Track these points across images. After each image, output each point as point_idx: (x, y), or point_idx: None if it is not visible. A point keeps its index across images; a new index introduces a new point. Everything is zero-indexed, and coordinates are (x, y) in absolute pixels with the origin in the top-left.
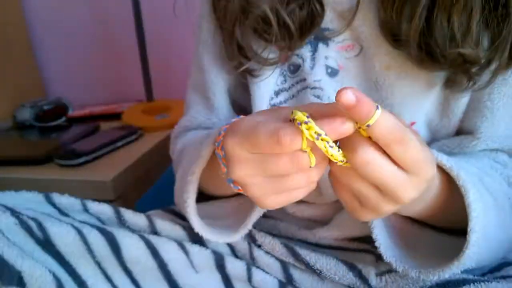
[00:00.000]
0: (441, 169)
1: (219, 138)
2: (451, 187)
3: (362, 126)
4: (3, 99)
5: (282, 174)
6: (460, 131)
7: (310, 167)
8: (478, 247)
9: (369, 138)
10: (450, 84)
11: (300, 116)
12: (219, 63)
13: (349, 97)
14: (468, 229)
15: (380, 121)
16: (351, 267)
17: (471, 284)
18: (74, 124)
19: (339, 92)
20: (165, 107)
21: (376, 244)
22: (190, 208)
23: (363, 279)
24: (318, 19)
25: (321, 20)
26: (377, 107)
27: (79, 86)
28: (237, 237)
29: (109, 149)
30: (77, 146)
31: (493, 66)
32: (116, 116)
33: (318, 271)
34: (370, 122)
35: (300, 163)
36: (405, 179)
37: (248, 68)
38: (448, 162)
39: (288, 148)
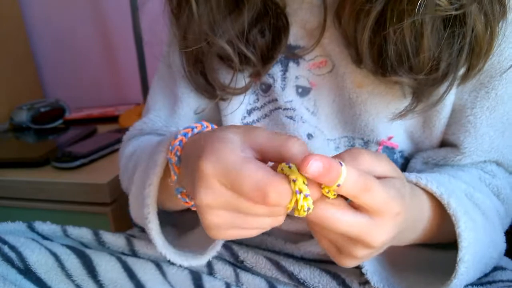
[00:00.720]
0: (431, 194)
1: (175, 141)
2: (442, 212)
3: (330, 188)
4: (0, 101)
5: (251, 215)
6: (445, 143)
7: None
8: (467, 274)
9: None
10: (416, 97)
11: (301, 185)
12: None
13: (317, 167)
14: (458, 259)
15: (347, 177)
16: (335, 276)
17: None
18: (71, 126)
19: (304, 162)
20: None
21: (363, 270)
22: (152, 224)
23: (346, 287)
24: (284, 39)
25: (286, 39)
26: (341, 164)
27: (77, 88)
28: (204, 261)
29: (105, 152)
30: (73, 148)
31: (449, 80)
32: (113, 119)
33: (302, 281)
34: (340, 182)
35: (275, 214)
36: (368, 224)
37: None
38: (438, 189)
39: (271, 206)
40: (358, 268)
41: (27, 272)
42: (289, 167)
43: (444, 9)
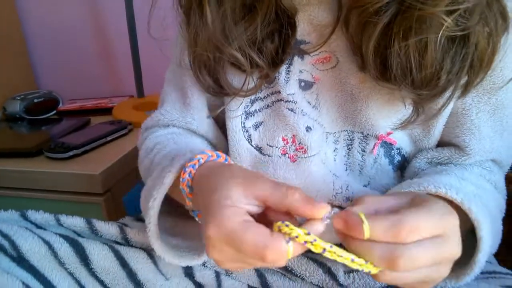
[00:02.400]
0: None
1: (184, 175)
2: (458, 211)
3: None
4: None
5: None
6: (449, 144)
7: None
8: (479, 268)
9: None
10: (416, 109)
11: (286, 229)
12: None
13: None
14: (477, 258)
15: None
16: (321, 264)
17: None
18: (64, 117)
19: (312, 208)
20: (156, 103)
21: None
22: (152, 233)
23: (332, 275)
24: (292, 42)
25: (294, 43)
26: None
27: (70, 80)
28: (200, 261)
29: (99, 143)
30: (67, 139)
31: (449, 94)
32: (106, 110)
33: (289, 269)
34: (367, 235)
35: (275, 265)
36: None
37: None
38: (458, 196)
39: (272, 260)
40: None
41: (20, 260)
42: (286, 225)
43: (450, 30)
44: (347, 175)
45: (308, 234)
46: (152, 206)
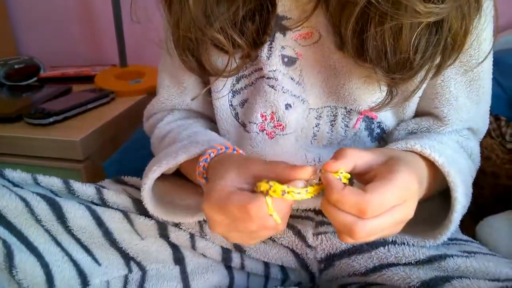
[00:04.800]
0: (423, 156)
1: (199, 168)
2: (435, 173)
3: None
4: None
5: (251, 232)
6: (428, 114)
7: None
8: (454, 226)
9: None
10: (390, 92)
11: (264, 185)
12: None
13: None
14: (452, 218)
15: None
16: (292, 227)
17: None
18: (45, 85)
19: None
20: (138, 72)
21: None
22: (145, 195)
23: (302, 237)
24: (272, 23)
25: (274, 24)
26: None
27: (52, 47)
28: (192, 219)
29: (80, 111)
30: (47, 105)
31: (422, 74)
32: (88, 78)
33: None
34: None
35: (266, 226)
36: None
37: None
38: (440, 158)
39: (256, 216)
40: (313, 220)
41: None
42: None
43: (423, 16)
44: (322, 147)
45: (285, 189)
46: (154, 170)
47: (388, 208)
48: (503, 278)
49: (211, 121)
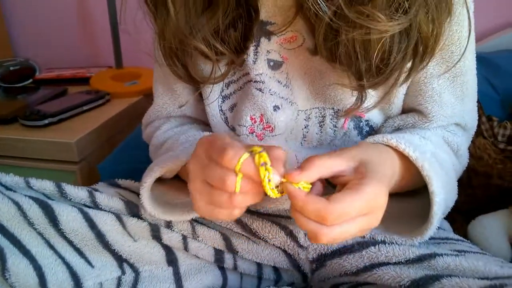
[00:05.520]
0: (400, 153)
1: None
2: (410, 167)
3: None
4: None
5: (213, 184)
6: (412, 110)
7: (235, 192)
8: (437, 221)
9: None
10: (359, 98)
11: (256, 148)
12: None
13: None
14: (432, 212)
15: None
16: (284, 227)
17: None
18: (41, 86)
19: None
20: (134, 74)
21: None
22: (144, 194)
23: (293, 237)
24: (254, 30)
25: (256, 31)
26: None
27: (48, 49)
28: (189, 217)
29: (75, 112)
30: (42, 107)
31: (393, 79)
32: (84, 80)
33: (254, 231)
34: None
35: (225, 181)
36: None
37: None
38: (414, 153)
39: (226, 163)
40: None
41: None
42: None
43: (389, 28)
44: (313, 148)
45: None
46: (151, 175)
47: (351, 217)
48: (492, 277)
49: (207, 125)
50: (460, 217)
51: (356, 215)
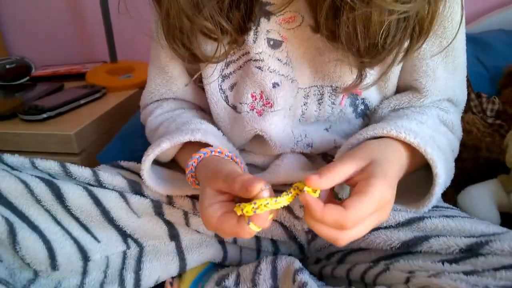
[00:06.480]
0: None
1: (187, 170)
2: (414, 152)
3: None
4: None
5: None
6: (407, 87)
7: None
8: (436, 199)
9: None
10: (359, 75)
11: (238, 210)
12: None
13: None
14: (433, 192)
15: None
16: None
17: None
18: (37, 83)
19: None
20: (129, 68)
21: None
22: (146, 163)
23: (289, 209)
24: (256, 10)
25: (258, 5)
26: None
27: (42, 47)
28: (191, 192)
29: (72, 106)
30: (40, 102)
31: (391, 58)
32: (80, 76)
33: None
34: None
35: (251, 234)
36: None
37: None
38: (415, 140)
39: (244, 235)
40: None
41: None
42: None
43: (392, 6)
44: (309, 123)
45: (254, 207)
46: (148, 158)
47: (365, 218)
48: (478, 234)
49: (199, 110)
50: (451, 189)
51: (369, 214)
